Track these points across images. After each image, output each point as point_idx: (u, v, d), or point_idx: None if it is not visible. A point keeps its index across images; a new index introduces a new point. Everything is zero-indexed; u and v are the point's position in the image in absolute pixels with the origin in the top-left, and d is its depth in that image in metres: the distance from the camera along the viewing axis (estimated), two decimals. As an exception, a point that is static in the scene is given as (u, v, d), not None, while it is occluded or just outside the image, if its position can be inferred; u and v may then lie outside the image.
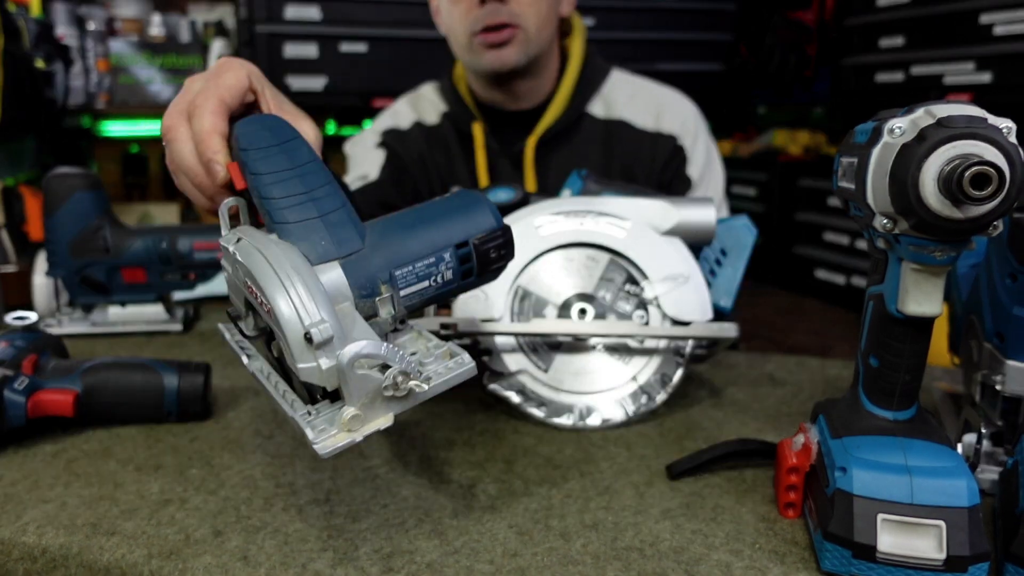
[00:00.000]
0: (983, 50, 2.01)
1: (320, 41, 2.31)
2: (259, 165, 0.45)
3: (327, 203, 0.46)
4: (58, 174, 0.86)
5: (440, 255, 0.48)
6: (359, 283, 0.45)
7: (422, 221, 0.49)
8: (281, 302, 0.41)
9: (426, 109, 1.13)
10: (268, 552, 0.46)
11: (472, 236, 0.50)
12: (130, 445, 0.60)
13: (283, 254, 0.43)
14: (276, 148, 0.46)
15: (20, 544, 0.48)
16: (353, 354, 0.40)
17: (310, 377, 0.42)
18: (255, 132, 0.47)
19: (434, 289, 0.49)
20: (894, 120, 0.39)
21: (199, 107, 0.50)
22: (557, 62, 1.08)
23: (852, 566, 0.43)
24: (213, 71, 0.53)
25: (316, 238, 0.45)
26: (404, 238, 0.48)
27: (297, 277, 0.42)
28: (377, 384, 0.41)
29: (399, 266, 0.47)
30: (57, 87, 2.06)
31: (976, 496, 0.42)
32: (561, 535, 0.48)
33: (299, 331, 0.41)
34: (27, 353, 0.62)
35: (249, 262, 0.43)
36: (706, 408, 0.70)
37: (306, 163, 0.46)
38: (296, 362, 0.41)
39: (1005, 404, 0.53)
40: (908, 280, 0.42)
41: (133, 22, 2.53)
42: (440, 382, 0.44)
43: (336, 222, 0.46)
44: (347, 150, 1.15)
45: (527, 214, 0.68)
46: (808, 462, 0.49)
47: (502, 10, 0.94)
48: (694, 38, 2.66)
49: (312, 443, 0.41)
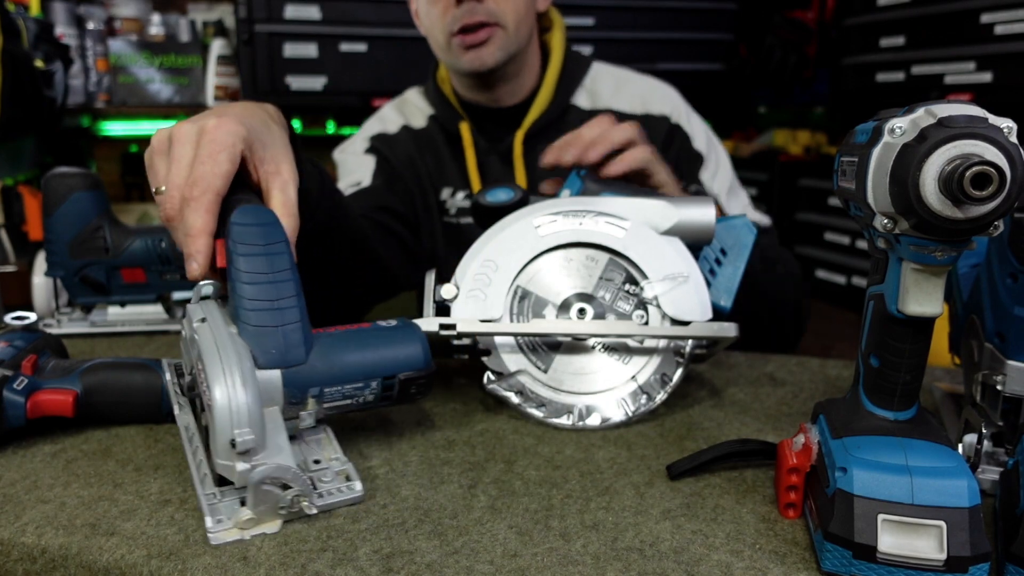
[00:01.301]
0: (984, 50, 2.00)
1: (320, 41, 2.31)
2: (242, 263, 0.50)
3: (288, 315, 0.51)
4: (57, 174, 0.86)
5: (368, 382, 0.55)
6: (292, 392, 0.52)
7: (362, 347, 0.56)
8: (220, 400, 0.46)
9: (413, 113, 1.13)
10: (267, 552, 0.46)
11: (401, 372, 0.57)
12: (129, 445, 0.60)
13: (235, 356, 0.48)
14: (262, 250, 0.51)
15: (19, 544, 0.48)
16: (262, 475, 0.46)
17: (224, 472, 0.47)
18: (247, 231, 0.51)
19: (354, 406, 0.56)
20: (894, 120, 0.39)
21: (195, 200, 0.52)
22: (539, 57, 1.08)
23: (852, 566, 0.43)
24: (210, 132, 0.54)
25: (269, 345, 0.50)
26: (343, 360, 0.54)
27: (239, 384, 0.47)
28: (276, 500, 0.48)
29: (331, 384, 0.53)
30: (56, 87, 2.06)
31: (977, 496, 0.42)
32: (561, 535, 0.48)
33: (227, 434, 0.46)
34: (26, 353, 0.62)
35: (204, 349, 0.48)
36: (706, 408, 0.69)
37: (282, 271, 0.51)
38: (217, 456, 0.47)
39: (1006, 404, 0.53)
40: (908, 280, 0.42)
41: (133, 22, 2.53)
42: (328, 502, 0.50)
43: (290, 333, 0.51)
44: (336, 157, 1.16)
45: (526, 214, 0.68)
46: (808, 462, 0.49)
47: (479, 9, 0.94)
48: (694, 38, 2.65)
49: (208, 531, 0.47)
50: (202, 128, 0.54)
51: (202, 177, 0.52)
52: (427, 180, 1.09)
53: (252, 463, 0.46)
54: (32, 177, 2.24)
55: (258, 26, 2.28)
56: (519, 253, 0.66)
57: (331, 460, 0.54)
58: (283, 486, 0.48)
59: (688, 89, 1.16)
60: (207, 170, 0.52)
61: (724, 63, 2.77)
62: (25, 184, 2.18)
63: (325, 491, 0.51)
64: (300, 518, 0.50)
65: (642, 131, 0.83)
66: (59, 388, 0.60)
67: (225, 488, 0.49)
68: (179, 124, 0.55)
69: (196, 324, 0.51)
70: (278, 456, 0.48)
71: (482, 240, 0.68)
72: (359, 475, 0.53)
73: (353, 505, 0.51)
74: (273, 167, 0.58)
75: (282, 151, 0.59)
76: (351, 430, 0.63)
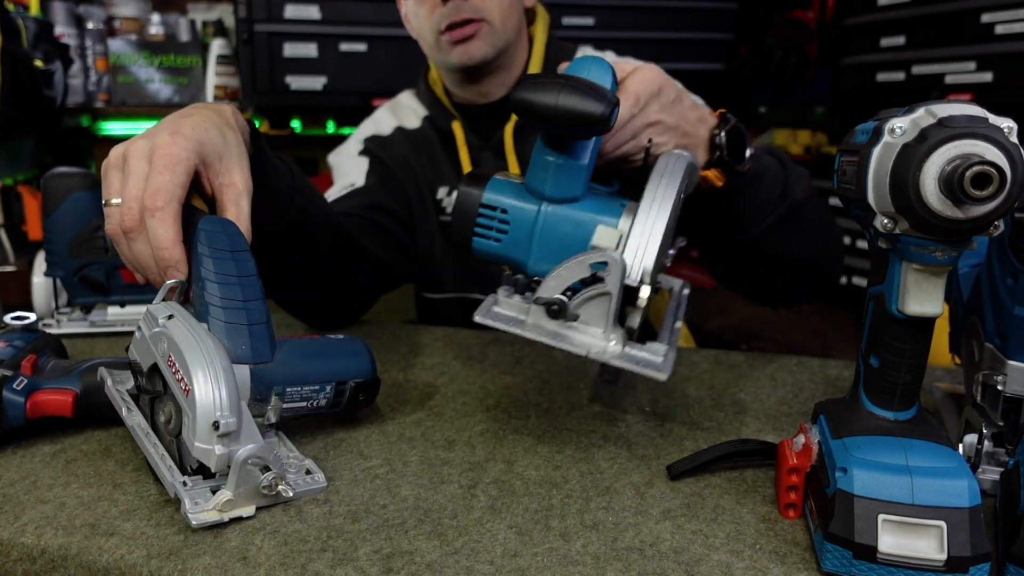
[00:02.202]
0: (984, 49, 2.00)
1: (320, 40, 2.31)
2: (212, 264, 0.53)
3: (256, 315, 0.54)
4: (57, 173, 0.86)
5: (324, 386, 0.59)
6: (258, 388, 0.55)
7: (321, 354, 0.61)
8: (203, 384, 0.48)
9: (406, 115, 1.14)
10: (267, 552, 0.46)
11: (352, 378, 0.61)
12: (129, 445, 0.60)
13: (213, 347, 0.50)
14: (229, 255, 0.54)
15: (19, 545, 0.48)
16: (248, 453, 0.48)
17: (202, 457, 0.48)
18: (216, 236, 0.54)
19: (306, 410, 0.59)
20: (895, 120, 0.39)
21: (160, 211, 0.54)
22: (526, 52, 1.09)
23: (853, 567, 0.43)
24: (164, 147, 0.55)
25: (239, 341, 0.53)
26: (303, 363, 0.58)
27: (221, 371, 0.49)
28: (257, 481, 0.49)
29: (292, 384, 0.57)
30: (56, 86, 2.06)
31: (977, 497, 0.42)
32: (561, 535, 0.48)
33: (209, 417, 0.48)
34: (26, 353, 0.62)
35: (181, 342, 0.50)
36: (706, 408, 0.69)
37: (248, 275, 0.54)
38: (195, 440, 0.48)
39: (1006, 404, 0.53)
40: (909, 280, 0.42)
41: (132, 21, 2.53)
42: (300, 491, 0.52)
43: (257, 333, 0.54)
44: (331, 160, 1.16)
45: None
46: (809, 462, 0.49)
47: (465, 6, 0.95)
48: (694, 38, 2.65)
49: (187, 512, 0.48)
50: (155, 144, 0.56)
51: (163, 187, 0.54)
52: (423, 180, 1.09)
53: (230, 448, 0.48)
54: (32, 177, 2.23)
55: (258, 26, 2.27)
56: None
57: (290, 458, 0.56)
58: (264, 468, 0.50)
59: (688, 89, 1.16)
60: (167, 180, 0.54)
61: (724, 63, 2.77)
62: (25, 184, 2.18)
63: (292, 482, 0.53)
64: (277, 503, 0.51)
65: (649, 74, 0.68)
66: (59, 388, 0.60)
67: (195, 477, 0.51)
68: (134, 139, 0.57)
69: (163, 320, 0.53)
70: (255, 442, 0.50)
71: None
72: (319, 468, 0.55)
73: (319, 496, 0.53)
74: (227, 179, 0.60)
75: (236, 161, 0.60)
76: (352, 430, 0.63)
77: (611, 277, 0.52)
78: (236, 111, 0.65)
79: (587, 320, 0.53)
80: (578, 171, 0.57)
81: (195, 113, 0.61)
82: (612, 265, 0.52)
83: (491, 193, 0.59)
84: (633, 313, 0.54)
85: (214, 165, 0.59)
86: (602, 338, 0.53)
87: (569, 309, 0.53)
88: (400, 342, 0.89)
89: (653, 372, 0.52)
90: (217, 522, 0.48)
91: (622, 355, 0.53)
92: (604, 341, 0.53)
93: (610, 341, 0.53)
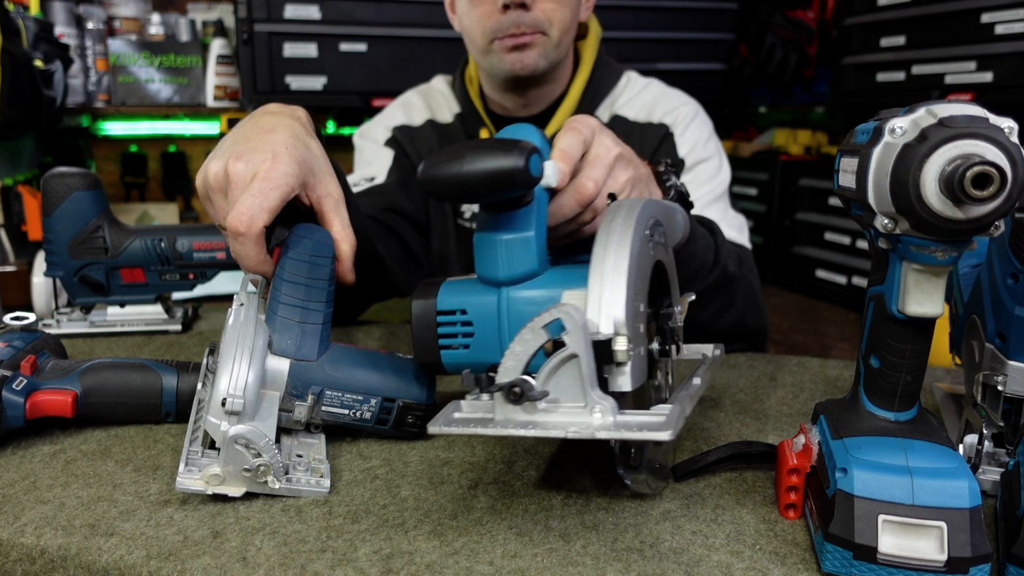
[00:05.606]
0: (984, 49, 2.00)
1: (319, 40, 2.31)
2: (287, 263, 0.57)
3: (312, 316, 0.57)
4: (57, 173, 0.86)
5: (368, 398, 0.59)
6: (295, 384, 0.56)
7: (372, 366, 0.60)
8: (224, 363, 0.52)
9: (440, 105, 1.12)
10: (267, 553, 0.46)
11: (401, 398, 0.60)
12: (129, 446, 0.60)
13: (252, 336, 0.54)
14: (307, 259, 0.57)
15: (18, 545, 0.48)
16: (236, 432, 0.51)
17: (210, 429, 0.51)
18: (301, 241, 0.58)
19: (349, 419, 0.59)
20: (895, 120, 0.39)
21: (243, 236, 0.55)
22: (571, 64, 1.07)
23: (853, 567, 0.43)
24: (264, 174, 0.55)
25: (287, 335, 0.56)
26: (350, 371, 0.58)
27: (248, 357, 0.53)
28: (244, 463, 0.51)
29: (333, 389, 0.57)
30: (56, 86, 2.06)
31: (977, 497, 0.42)
32: (561, 536, 0.48)
33: (221, 394, 0.51)
34: (25, 353, 0.62)
35: (229, 327, 0.54)
36: (706, 408, 0.69)
37: (318, 279, 0.57)
38: (208, 414, 0.52)
39: (1007, 405, 0.53)
40: (909, 280, 0.42)
41: (132, 21, 2.53)
42: (293, 488, 0.53)
43: (309, 332, 0.57)
44: (356, 141, 1.14)
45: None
46: (809, 463, 0.49)
47: (525, 18, 0.93)
48: (694, 38, 2.66)
49: (179, 474, 0.51)
50: (257, 171, 0.56)
51: (247, 211, 0.54)
52: None
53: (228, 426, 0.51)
54: (32, 177, 2.24)
55: (258, 26, 2.28)
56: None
57: (314, 460, 0.56)
58: (256, 454, 0.51)
59: (688, 89, 1.16)
60: (256, 203, 0.55)
61: (724, 63, 2.77)
62: (25, 184, 2.18)
63: (294, 479, 0.53)
64: (266, 494, 0.52)
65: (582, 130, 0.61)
66: (58, 388, 0.60)
67: (210, 451, 0.53)
68: (233, 161, 0.56)
69: (235, 308, 0.56)
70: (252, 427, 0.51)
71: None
72: (332, 477, 0.55)
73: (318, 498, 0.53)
74: (323, 190, 0.61)
75: (326, 170, 0.61)
76: (350, 431, 0.63)
77: (572, 335, 0.42)
78: (307, 113, 0.65)
79: (560, 395, 0.43)
80: (526, 243, 0.52)
81: (279, 127, 0.60)
82: (567, 320, 0.42)
83: (445, 297, 0.55)
84: (616, 374, 0.44)
85: (310, 181, 0.60)
86: (583, 413, 0.42)
87: (533, 388, 0.43)
88: (400, 342, 0.89)
89: (655, 433, 0.41)
90: (200, 491, 0.51)
91: (613, 425, 0.42)
92: (585, 415, 0.42)
93: (594, 413, 0.42)
